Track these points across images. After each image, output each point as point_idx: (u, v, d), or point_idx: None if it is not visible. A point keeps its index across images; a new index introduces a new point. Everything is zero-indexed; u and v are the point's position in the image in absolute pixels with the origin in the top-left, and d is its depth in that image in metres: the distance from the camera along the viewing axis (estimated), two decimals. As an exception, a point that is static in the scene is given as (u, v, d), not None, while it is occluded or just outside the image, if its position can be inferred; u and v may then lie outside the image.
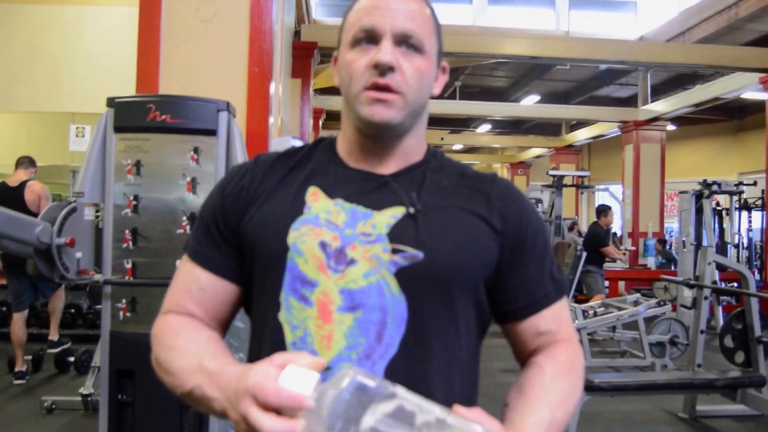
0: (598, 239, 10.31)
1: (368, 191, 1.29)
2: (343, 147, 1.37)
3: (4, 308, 8.11)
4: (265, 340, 1.26)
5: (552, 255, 1.40)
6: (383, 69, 1.23)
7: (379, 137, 1.31)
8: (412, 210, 1.26)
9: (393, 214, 1.26)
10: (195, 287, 1.34)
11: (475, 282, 1.29)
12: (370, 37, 1.26)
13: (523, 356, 1.38)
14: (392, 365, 1.20)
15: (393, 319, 1.20)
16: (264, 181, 1.34)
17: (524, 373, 1.33)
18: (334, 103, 14.78)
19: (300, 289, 1.22)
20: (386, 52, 1.23)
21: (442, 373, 1.24)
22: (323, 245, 1.23)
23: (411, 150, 1.35)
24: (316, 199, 1.29)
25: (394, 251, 1.22)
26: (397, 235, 1.23)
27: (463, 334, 1.28)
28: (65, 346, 7.11)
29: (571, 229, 13.64)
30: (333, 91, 14.39)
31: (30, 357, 6.95)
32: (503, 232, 1.30)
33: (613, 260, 10.57)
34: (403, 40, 1.26)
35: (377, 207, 1.27)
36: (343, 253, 1.22)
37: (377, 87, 1.24)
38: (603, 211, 10.72)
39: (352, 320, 1.20)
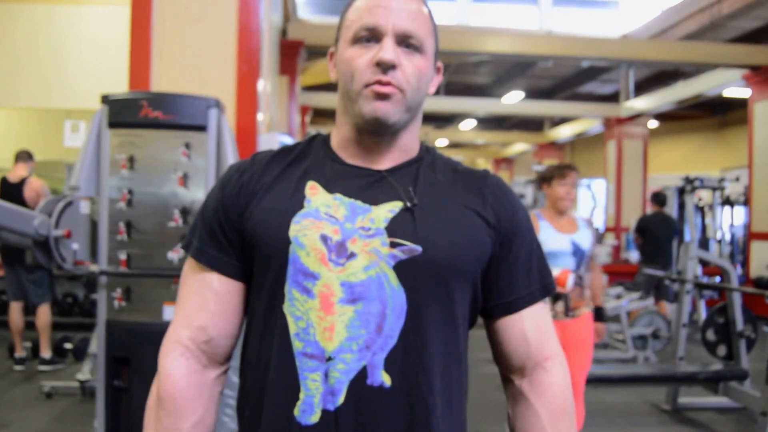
0: (674, 226, 9.33)
1: (366, 186, 1.31)
2: (338, 143, 1.39)
3: (4, 296, 8.16)
4: (269, 332, 1.28)
5: (542, 255, 1.43)
6: (386, 67, 1.26)
7: (376, 133, 1.32)
8: (409, 204, 1.28)
9: (390, 208, 1.27)
10: (209, 294, 1.35)
11: (471, 274, 1.31)
12: (372, 36, 1.28)
13: (509, 366, 1.40)
14: (391, 356, 1.22)
15: (393, 311, 1.23)
16: (262, 178, 1.35)
17: (518, 414, 1.38)
18: (321, 99, 14.83)
19: (302, 281, 1.24)
20: (389, 50, 1.26)
21: (440, 363, 1.26)
22: (324, 238, 1.24)
23: (406, 146, 1.37)
24: (315, 193, 1.30)
25: (393, 245, 1.24)
26: (395, 229, 1.25)
27: (460, 325, 1.31)
28: (58, 366, 6.93)
29: None
30: (320, 88, 14.47)
31: (29, 344, 7.07)
32: (497, 227, 1.33)
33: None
34: (404, 40, 1.28)
35: (375, 202, 1.28)
36: (344, 246, 1.24)
37: (380, 83, 1.27)
38: (663, 198, 9.77)
39: (352, 312, 1.22)
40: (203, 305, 1.35)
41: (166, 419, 1.32)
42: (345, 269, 1.23)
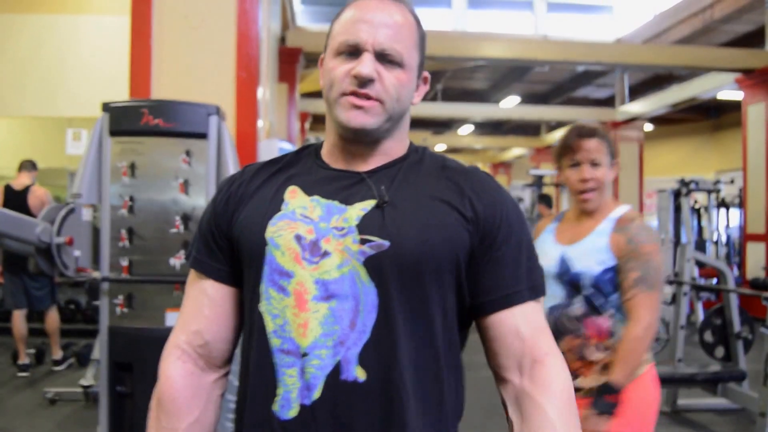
0: None
1: (345, 188, 1.33)
2: (326, 149, 1.42)
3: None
4: (252, 331, 1.32)
5: (533, 254, 1.38)
6: (362, 81, 1.28)
7: (356, 140, 1.35)
8: (380, 202, 1.29)
9: (363, 206, 1.29)
10: (205, 300, 1.41)
11: (446, 268, 1.29)
12: (353, 51, 1.30)
13: (504, 365, 1.34)
14: (365, 351, 1.24)
15: (365, 307, 1.24)
16: (249, 186, 1.40)
17: (522, 415, 1.29)
18: (320, 106, 14.82)
19: (278, 280, 1.28)
20: (366, 65, 1.28)
21: (413, 358, 1.26)
22: (298, 238, 1.28)
23: (389, 151, 1.39)
24: (293, 196, 1.34)
25: (363, 241, 1.25)
26: (365, 226, 1.27)
27: (436, 321, 1.29)
28: (70, 360, 7.19)
29: None
30: (318, 94, 14.47)
31: (33, 350, 7.13)
32: (475, 221, 1.31)
33: None
34: (384, 56, 1.30)
35: (351, 202, 1.30)
36: (317, 245, 1.27)
37: (356, 94, 1.30)
38: (550, 200, 9.90)
39: (326, 309, 1.25)
40: (199, 311, 1.41)
41: (165, 420, 1.38)
42: (319, 267, 1.26)
